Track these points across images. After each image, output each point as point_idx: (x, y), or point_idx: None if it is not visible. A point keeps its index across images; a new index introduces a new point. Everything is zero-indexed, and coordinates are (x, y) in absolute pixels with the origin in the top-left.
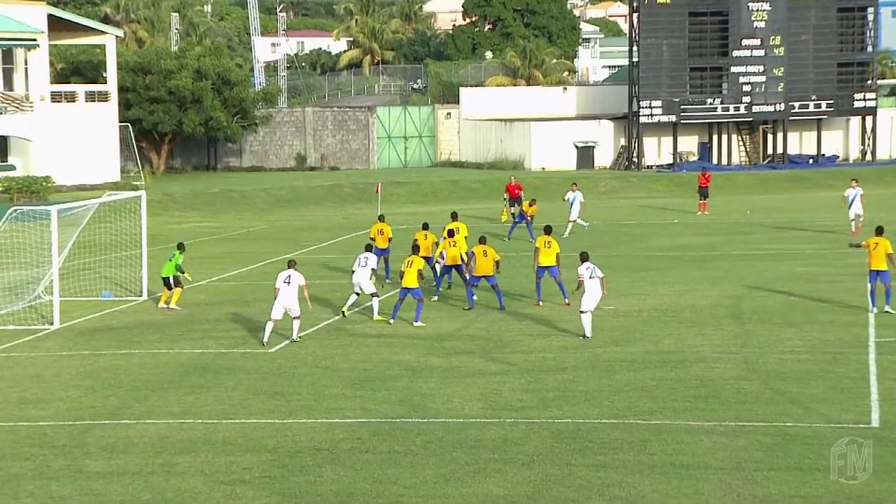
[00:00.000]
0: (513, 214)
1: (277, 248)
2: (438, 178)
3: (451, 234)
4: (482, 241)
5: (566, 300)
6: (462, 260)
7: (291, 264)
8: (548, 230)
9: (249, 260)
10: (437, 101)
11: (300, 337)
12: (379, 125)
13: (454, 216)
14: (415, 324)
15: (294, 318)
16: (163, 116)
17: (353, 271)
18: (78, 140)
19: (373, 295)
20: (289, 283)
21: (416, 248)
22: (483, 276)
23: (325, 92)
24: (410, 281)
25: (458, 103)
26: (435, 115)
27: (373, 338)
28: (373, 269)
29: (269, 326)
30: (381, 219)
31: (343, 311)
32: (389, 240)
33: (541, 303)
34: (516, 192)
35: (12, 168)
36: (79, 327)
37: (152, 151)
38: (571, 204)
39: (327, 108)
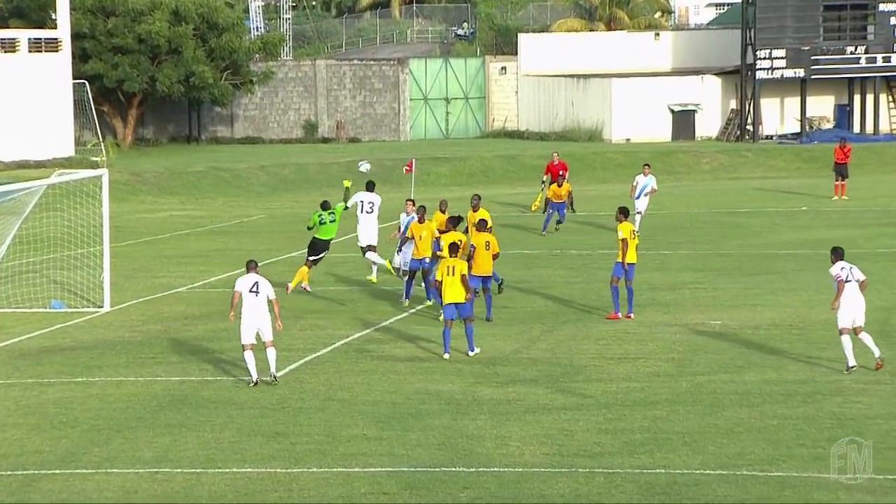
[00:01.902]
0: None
1: (279, 243)
2: (490, 153)
3: (453, 223)
4: (481, 226)
5: (630, 313)
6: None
7: (252, 267)
8: (626, 213)
9: (243, 259)
10: (488, 52)
11: (275, 377)
12: (412, 83)
13: (475, 203)
14: (470, 353)
15: (268, 345)
16: (130, 72)
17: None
18: (19, 102)
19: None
20: (257, 292)
21: (454, 248)
22: (483, 277)
23: (341, 40)
24: (456, 294)
25: (516, 55)
26: (486, 69)
27: (404, 361)
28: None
29: (251, 358)
30: (421, 213)
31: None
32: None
33: (620, 315)
34: (560, 173)
35: None
36: (20, 348)
37: (116, 117)
38: (641, 192)
39: (345, 60)
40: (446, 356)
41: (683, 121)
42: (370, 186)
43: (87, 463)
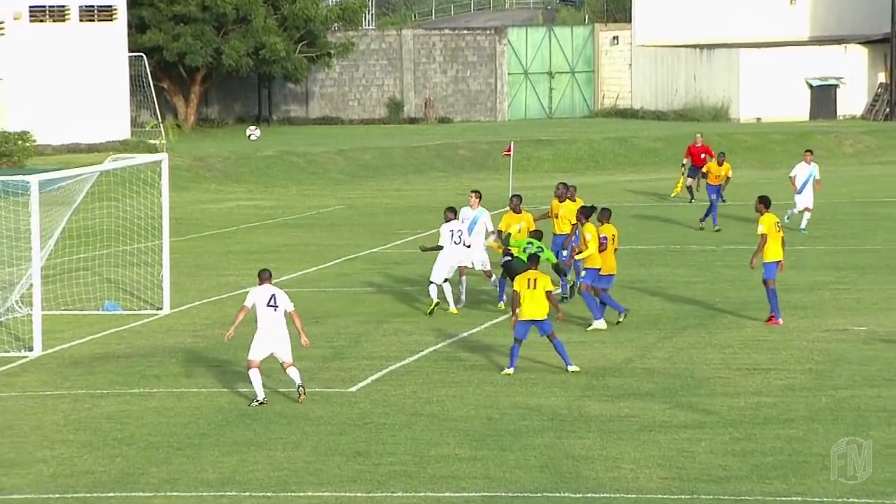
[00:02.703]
0: (689, 189)
1: (359, 238)
2: (600, 135)
3: (585, 213)
4: (602, 215)
5: (779, 318)
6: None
7: (266, 277)
8: (767, 203)
9: (319, 256)
10: (597, 20)
11: (303, 388)
12: (511, 55)
13: (561, 193)
14: (570, 368)
15: (286, 366)
16: (193, 43)
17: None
18: (69, 78)
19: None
20: (275, 307)
21: (534, 259)
22: (610, 276)
23: (431, 7)
24: (537, 310)
25: (630, 22)
26: (595, 39)
27: (499, 369)
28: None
29: (257, 376)
30: (516, 203)
31: (431, 310)
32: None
33: (780, 319)
34: (702, 157)
35: None
36: (69, 355)
37: (177, 95)
38: (805, 183)
39: (434, 30)
40: (509, 370)
41: (823, 97)
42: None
43: (144, 485)
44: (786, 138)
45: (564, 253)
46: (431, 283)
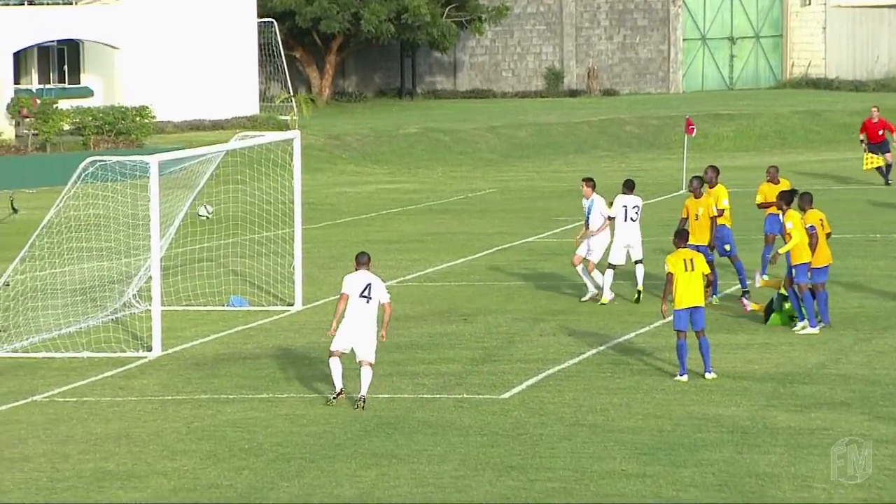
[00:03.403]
0: (880, 170)
1: (514, 225)
2: (787, 108)
3: (786, 199)
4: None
5: None
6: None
7: (363, 262)
8: None
9: (468, 245)
10: None
11: (364, 401)
12: (687, 19)
13: (707, 179)
14: (707, 375)
15: (364, 363)
16: (329, 8)
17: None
18: (191, 48)
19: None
20: (369, 298)
21: (682, 235)
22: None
23: None
24: (696, 296)
25: None
26: None
27: (673, 377)
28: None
29: (337, 366)
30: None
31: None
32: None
33: None
34: (879, 133)
35: (89, 94)
36: (191, 355)
37: (311, 66)
38: None
39: None
40: (682, 378)
41: None
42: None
43: (273, 501)
44: None
45: (727, 248)
46: (611, 266)
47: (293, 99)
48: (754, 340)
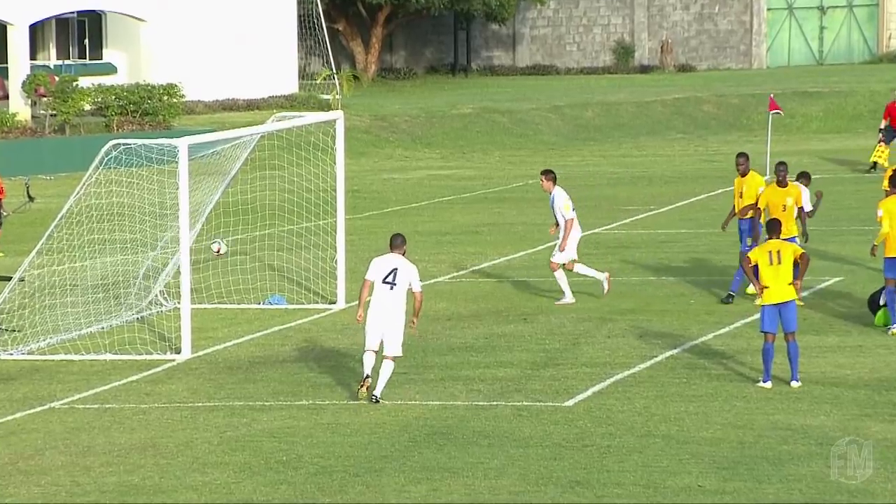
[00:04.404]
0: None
1: (578, 215)
2: (884, 86)
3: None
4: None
5: None
6: None
7: (396, 244)
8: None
9: (527, 238)
10: None
11: (378, 399)
12: None
13: (744, 168)
14: (793, 384)
15: (387, 357)
16: None
17: None
18: (225, 21)
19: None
20: (393, 284)
21: (775, 226)
22: None
23: None
24: (784, 290)
25: None
26: None
27: (755, 383)
28: None
29: (368, 360)
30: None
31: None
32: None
33: None
34: None
35: (112, 70)
36: (224, 358)
37: (355, 40)
38: None
39: None
40: (766, 384)
41: None
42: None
43: None
44: None
45: (750, 242)
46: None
47: (336, 76)
48: (846, 343)
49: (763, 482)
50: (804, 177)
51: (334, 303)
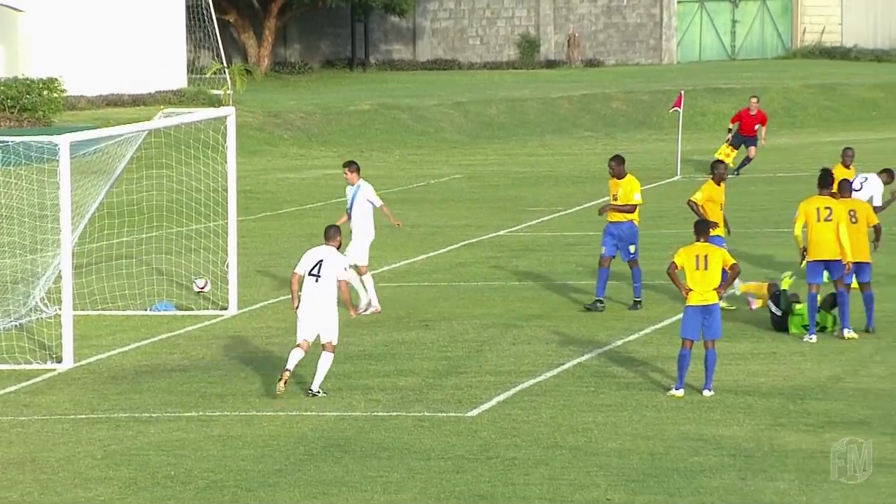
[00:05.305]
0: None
1: (482, 217)
2: (798, 82)
3: (825, 182)
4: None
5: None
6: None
7: (329, 236)
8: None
9: (429, 241)
10: None
11: (322, 390)
12: None
13: (617, 170)
14: (704, 392)
15: (326, 347)
16: None
17: None
18: (109, 11)
19: None
20: (318, 277)
21: (702, 228)
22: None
23: None
24: (708, 295)
25: None
26: None
27: (666, 392)
28: None
29: (296, 356)
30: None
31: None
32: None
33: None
34: (756, 127)
35: None
36: (108, 367)
37: (247, 32)
38: None
39: None
40: (678, 392)
41: None
42: None
43: None
44: None
45: (632, 249)
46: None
47: (227, 70)
48: (759, 349)
49: (674, 495)
50: (886, 173)
51: (226, 309)
